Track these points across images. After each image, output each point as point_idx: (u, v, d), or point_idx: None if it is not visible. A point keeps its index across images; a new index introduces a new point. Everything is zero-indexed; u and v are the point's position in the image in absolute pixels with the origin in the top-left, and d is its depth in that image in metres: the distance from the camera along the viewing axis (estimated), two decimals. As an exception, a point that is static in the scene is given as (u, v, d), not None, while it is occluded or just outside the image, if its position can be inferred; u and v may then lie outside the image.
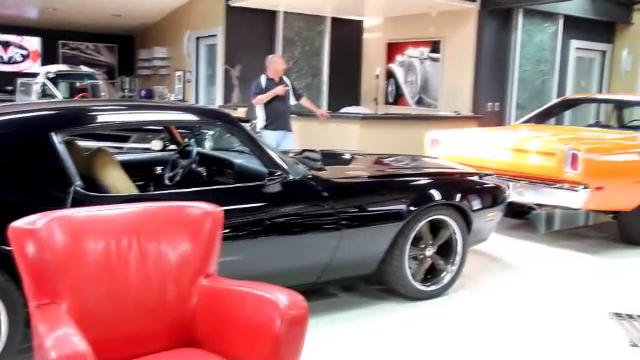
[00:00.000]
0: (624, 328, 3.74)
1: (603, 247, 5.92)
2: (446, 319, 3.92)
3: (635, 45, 10.60)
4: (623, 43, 10.75)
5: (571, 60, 10.42)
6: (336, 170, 4.33)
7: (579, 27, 10.17)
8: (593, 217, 7.25)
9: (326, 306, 3.99)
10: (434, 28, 9.98)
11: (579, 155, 5.16)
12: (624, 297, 4.39)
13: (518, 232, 6.51)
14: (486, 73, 9.33)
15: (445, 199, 4.14)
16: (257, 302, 2.19)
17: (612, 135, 6.32)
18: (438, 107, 9.86)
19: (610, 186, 5.32)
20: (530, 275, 4.92)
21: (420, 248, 4.13)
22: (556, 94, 9.79)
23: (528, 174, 5.54)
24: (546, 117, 7.26)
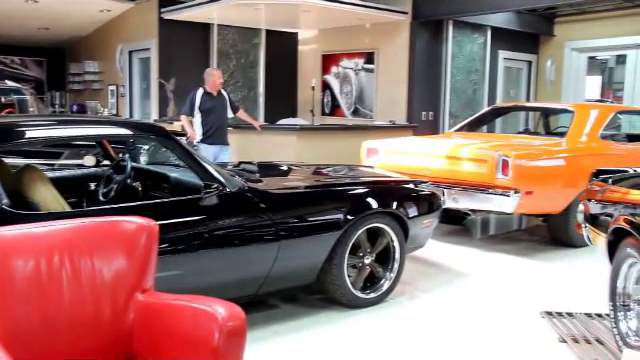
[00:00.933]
0: (554, 326, 3.88)
1: (535, 249, 6.13)
2: (387, 326, 3.96)
3: (558, 56, 11.07)
4: (547, 54, 11.21)
5: (500, 70, 10.78)
6: (273, 181, 4.34)
7: (506, 38, 10.54)
8: (526, 221, 7.50)
9: (267, 318, 3.98)
10: (368, 39, 10.15)
11: (509, 161, 5.33)
12: (554, 296, 4.55)
13: (454, 238, 6.66)
14: (420, 83, 9.54)
15: (382, 207, 4.21)
16: (195, 315, 2.17)
17: (540, 141, 6.56)
18: (374, 117, 10.01)
19: (539, 190, 5.52)
20: (466, 279, 5.04)
21: (359, 256, 4.18)
22: (487, 103, 10.10)
23: (462, 181, 5.69)
24: (478, 125, 7.48)
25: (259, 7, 8.65)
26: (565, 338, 3.68)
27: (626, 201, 3.46)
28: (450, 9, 9.18)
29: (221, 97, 7.28)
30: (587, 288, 4.59)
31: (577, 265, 5.47)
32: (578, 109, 6.62)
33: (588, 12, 10.38)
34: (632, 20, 9.96)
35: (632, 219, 3.23)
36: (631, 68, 10.54)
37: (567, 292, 4.69)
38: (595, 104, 7.45)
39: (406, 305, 4.35)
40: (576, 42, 10.87)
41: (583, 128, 6.29)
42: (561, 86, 11.04)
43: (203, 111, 7.11)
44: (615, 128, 7.37)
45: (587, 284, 4.72)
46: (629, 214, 3.29)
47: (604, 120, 6.41)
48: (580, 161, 5.79)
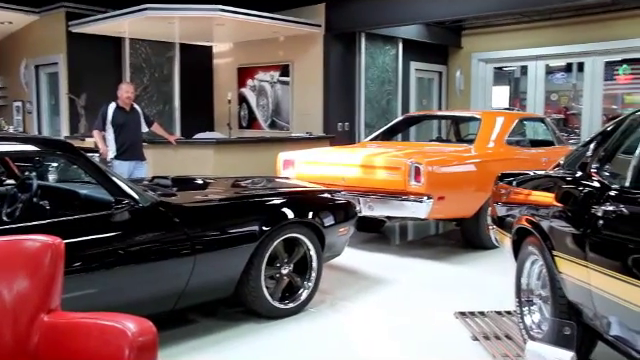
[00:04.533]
0: (467, 325, 4.01)
1: (449, 253, 6.34)
2: (308, 334, 3.99)
3: (466, 66, 11.51)
4: (456, 64, 11.64)
5: (412, 80, 11.09)
6: (188, 195, 4.29)
7: (417, 50, 10.86)
8: (442, 226, 7.73)
9: (186, 333, 3.92)
10: (283, 52, 10.22)
11: (421, 168, 5.50)
12: (468, 297, 4.71)
13: (372, 245, 6.79)
14: (335, 94, 9.68)
15: (298, 217, 4.24)
16: (104, 332, 2.12)
17: (450, 148, 6.80)
18: (291, 129, 10.07)
19: (451, 195, 5.71)
20: (384, 284, 5.14)
21: (276, 267, 4.18)
22: (401, 112, 10.35)
23: (377, 189, 5.81)
24: (391, 134, 7.66)
25: (172, 21, 8.55)
26: (477, 336, 3.81)
27: (528, 202, 3.64)
28: (362, 22, 9.38)
29: (134, 112, 7.13)
30: (498, 287, 4.77)
31: (489, 266, 5.68)
32: (485, 117, 6.92)
33: (492, 25, 10.87)
34: (531, 33, 10.52)
35: (533, 219, 3.40)
36: (532, 78, 11.11)
37: (480, 292, 4.86)
38: (501, 112, 7.79)
39: (326, 313, 4.38)
40: (482, 54, 11.34)
41: (490, 135, 6.57)
42: (470, 95, 11.48)
43: (116, 126, 6.94)
44: (520, 134, 7.72)
45: (498, 284, 4.89)
46: (530, 214, 3.47)
47: (509, 127, 6.73)
48: (488, 166, 6.03)
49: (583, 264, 2.79)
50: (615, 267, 2.56)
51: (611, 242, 2.65)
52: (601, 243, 2.70)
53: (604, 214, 2.68)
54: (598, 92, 10.39)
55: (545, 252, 3.20)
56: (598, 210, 2.72)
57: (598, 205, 2.74)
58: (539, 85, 11.08)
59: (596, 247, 2.72)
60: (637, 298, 2.41)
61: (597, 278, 2.69)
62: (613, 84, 10.44)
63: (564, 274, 3.03)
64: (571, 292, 3.02)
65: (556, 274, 3.11)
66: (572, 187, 3.11)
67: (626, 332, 2.67)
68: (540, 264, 3.39)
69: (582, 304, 2.95)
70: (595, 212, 2.74)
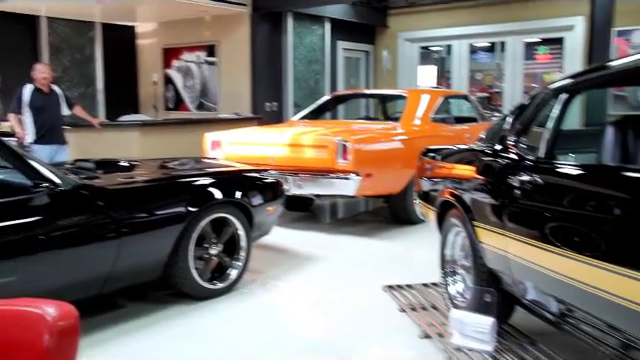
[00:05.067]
0: (395, 298, 4.11)
1: (378, 229, 6.45)
2: (239, 314, 3.98)
3: (392, 46, 11.66)
4: (382, 44, 11.77)
5: (340, 60, 11.14)
6: (112, 177, 4.18)
7: (345, 30, 10.92)
8: (372, 203, 7.84)
9: (114, 317, 3.84)
10: (209, 32, 10.05)
11: (349, 146, 5.55)
12: (396, 271, 4.81)
13: (302, 224, 6.83)
14: (262, 75, 9.62)
15: (225, 197, 4.21)
16: (20, 318, 2.04)
17: (378, 126, 6.90)
18: (219, 110, 9.95)
19: (378, 172, 5.80)
20: (315, 262, 5.18)
21: (205, 248, 4.15)
22: (329, 92, 10.41)
23: (305, 167, 5.83)
24: (319, 113, 7.69)
25: (91, -2, 8.28)
26: (404, 308, 3.91)
27: (451, 176, 3.74)
28: (289, 1, 9.33)
29: (53, 94, 6.87)
30: (425, 260, 4.89)
31: (416, 240, 5.82)
32: (410, 95, 7.03)
33: (418, 5, 11.04)
34: (455, 13, 10.75)
35: (455, 192, 3.50)
36: (456, 57, 11.37)
37: (407, 266, 4.99)
38: (426, 90, 7.94)
39: (257, 292, 4.39)
40: (408, 33, 11.51)
41: (416, 112, 6.69)
42: (397, 74, 11.65)
43: (33, 109, 6.67)
44: (445, 112, 7.89)
45: (425, 257, 5.02)
46: (453, 187, 3.57)
47: (434, 104, 6.87)
48: (414, 143, 6.12)
49: (501, 233, 2.91)
50: (530, 234, 2.68)
51: (526, 211, 2.76)
52: (517, 212, 2.81)
53: (520, 184, 2.79)
54: (519, 71, 10.75)
55: (467, 223, 3.31)
56: (514, 181, 2.84)
57: (514, 176, 2.85)
58: (463, 64, 11.35)
59: (513, 216, 2.83)
60: (550, 263, 2.53)
61: (514, 246, 2.81)
62: (533, 63, 10.82)
63: (484, 244, 3.15)
64: (491, 261, 3.14)
65: (477, 244, 3.22)
66: (491, 160, 3.22)
67: (541, 296, 2.80)
68: (463, 235, 3.50)
69: (501, 272, 3.07)
70: (511, 183, 2.85)
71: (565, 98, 2.81)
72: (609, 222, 2.20)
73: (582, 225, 2.36)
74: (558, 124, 2.79)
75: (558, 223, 2.50)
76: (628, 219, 2.10)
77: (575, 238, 2.39)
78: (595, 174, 2.45)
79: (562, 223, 2.48)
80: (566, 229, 2.45)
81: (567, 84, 2.87)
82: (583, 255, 2.28)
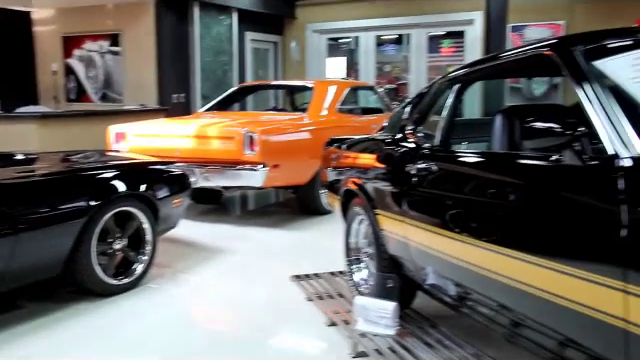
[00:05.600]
0: (302, 287, 4.16)
1: (288, 220, 6.48)
2: (146, 309, 3.90)
3: (301, 37, 11.71)
4: (291, 35, 11.80)
5: (248, 51, 11.07)
6: (6, 172, 3.98)
7: (252, 20, 10.84)
8: (282, 194, 7.87)
9: (14, 318, 3.67)
10: (112, 21, 9.71)
11: (255, 137, 5.54)
12: (305, 261, 4.88)
13: (211, 216, 6.77)
14: (169, 65, 9.41)
15: (128, 190, 4.11)
16: None
17: (285, 117, 6.93)
18: (124, 101, 9.66)
19: (285, 163, 5.83)
20: (224, 254, 5.15)
21: (108, 242, 4.04)
22: (237, 83, 10.32)
23: (212, 159, 5.78)
24: (227, 104, 7.63)
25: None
26: (311, 297, 3.96)
27: (354, 165, 3.82)
28: (194, -10, 9.18)
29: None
30: (332, 250, 4.94)
31: (324, 230, 5.91)
32: (317, 86, 7.10)
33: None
34: (362, 5, 10.94)
35: (358, 181, 3.58)
36: (363, 49, 11.57)
37: (315, 255, 5.05)
38: (333, 81, 8.04)
39: (166, 287, 4.32)
40: (316, 24, 11.59)
41: (323, 103, 6.77)
42: (306, 65, 11.71)
43: None
44: (352, 103, 8.02)
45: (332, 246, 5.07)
46: (356, 177, 3.65)
47: (340, 95, 6.97)
48: (321, 134, 6.17)
49: (401, 220, 3.00)
50: (428, 221, 2.79)
51: (424, 198, 2.87)
52: (415, 200, 2.92)
53: (417, 172, 2.89)
54: (423, 63, 11.07)
55: (369, 212, 3.40)
56: (412, 169, 2.94)
57: (412, 164, 2.95)
58: (370, 56, 11.57)
59: (411, 204, 2.93)
60: (447, 248, 2.64)
61: (413, 232, 2.91)
62: (438, 56, 11.17)
63: (386, 231, 3.24)
64: (392, 247, 3.24)
65: (379, 231, 3.31)
66: (391, 148, 3.32)
67: (440, 280, 2.92)
68: (366, 224, 3.59)
69: (402, 257, 3.17)
70: (409, 171, 2.95)
71: (458, 88, 2.94)
72: (497, 206, 2.32)
73: (474, 210, 2.47)
74: (452, 113, 2.92)
75: (453, 209, 2.61)
76: (514, 203, 2.23)
77: (468, 223, 2.50)
78: (483, 160, 2.57)
79: (456, 209, 2.59)
80: (460, 215, 2.56)
81: (459, 75, 3.00)
82: (475, 239, 2.40)
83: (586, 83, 1.97)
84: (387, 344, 3.08)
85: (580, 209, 1.87)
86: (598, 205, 1.79)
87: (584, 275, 1.78)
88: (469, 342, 3.02)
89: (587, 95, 1.94)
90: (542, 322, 2.12)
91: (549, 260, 1.94)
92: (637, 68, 2.01)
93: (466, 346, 3.00)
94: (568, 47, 2.13)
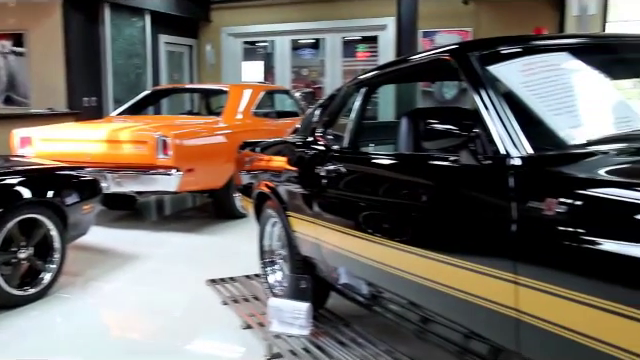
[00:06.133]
0: (218, 291, 4.14)
1: (204, 225, 6.42)
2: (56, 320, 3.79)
3: (216, 41, 11.62)
4: (206, 39, 11.69)
5: (162, 54, 10.87)
6: None
7: (166, 23, 10.66)
8: (199, 199, 7.78)
9: None
10: (15, 20, 9.29)
11: (168, 141, 5.47)
12: (219, 265, 4.84)
13: (125, 222, 6.62)
14: (79, 68, 9.11)
15: (35, 196, 3.96)
16: None
17: (200, 121, 6.87)
18: (31, 105, 9.26)
19: (200, 167, 5.77)
20: (138, 260, 5.05)
21: (12, 252, 3.88)
22: (151, 86, 10.12)
23: (125, 163, 5.65)
24: (140, 108, 7.48)
25: None
26: (227, 300, 3.94)
27: (266, 168, 3.84)
28: (104, -9, 8.93)
29: None
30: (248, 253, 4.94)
31: (240, 234, 5.87)
32: (232, 89, 7.07)
33: (240, 0, 11.09)
34: (277, 9, 10.97)
35: (270, 184, 3.60)
36: (279, 53, 11.62)
37: (231, 259, 5.03)
38: (247, 84, 8.03)
39: (78, 295, 4.19)
40: (231, 28, 11.54)
41: (237, 107, 6.75)
42: (222, 69, 11.63)
43: None
44: (269, 106, 8.04)
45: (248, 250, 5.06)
46: (268, 179, 3.67)
47: (255, 99, 6.98)
48: (237, 137, 6.14)
49: (312, 222, 3.05)
50: (338, 222, 2.84)
51: (333, 199, 2.92)
52: (325, 201, 2.97)
53: (326, 174, 2.95)
54: (338, 67, 11.23)
55: (282, 214, 3.43)
56: (321, 170, 2.99)
57: (321, 166, 3.00)
58: (286, 60, 11.62)
59: (322, 205, 2.98)
60: (357, 248, 2.70)
61: (324, 234, 2.96)
62: (354, 60, 11.36)
63: (298, 232, 3.28)
64: (304, 249, 3.28)
65: (291, 233, 3.34)
66: (301, 151, 3.36)
67: (351, 280, 2.98)
68: (279, 226, 3.61)
69: (314, 258, 3.22)
70: (319, 172, 3.00)
71: (365, 91, 3.02)
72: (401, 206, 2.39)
73: (381, 210, 2.55)
74: (360, 116, 2.99)
75: (361, 210, 2.67)
76: (416, 203, 2.31)
77: (376, 223, 2.57)
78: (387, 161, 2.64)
79: (364, 209, 2.65)
80: (368, 215, 2.63)
81: (366, 78, 3.09)
82: (381, 238, 2.47)
83: (480, 87, 2.07)
84: (301, 344, 3.11)
85: (476, 207, 1.96)
86: (492, 202, 1.88)
87: (482, 269, 1.87)
88: (382, 339, 3.09)
89: (481, 98, 2.04)
90: (448, 317, 2.20)
91: (451, 257, 2.02)
92: (527, 73, 2.14)
93: (379, 343, 3.07)
94: (465, 52, 2.24)
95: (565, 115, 2.00)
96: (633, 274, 1.39)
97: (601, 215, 1.51)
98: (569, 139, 1.90)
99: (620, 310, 1.40)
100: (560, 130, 1.92)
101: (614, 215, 1.49)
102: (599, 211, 1.52)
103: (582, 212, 1.56)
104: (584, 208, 1.56)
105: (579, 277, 1.53)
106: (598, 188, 1.56)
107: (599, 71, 2.33)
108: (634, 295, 1.39)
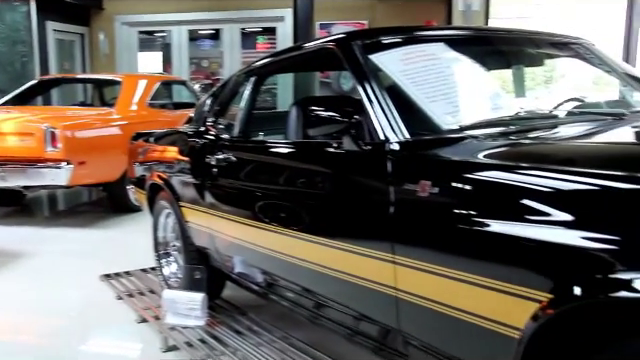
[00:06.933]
0: (112, 286, 4.04)
1: (99, 219, 6.23)
2: None
3: (109, 29, 11.22)
4: (98, 27, 11.25)
5: (50, 42, 10.35)
6: None
7: (54, 9, 10.15)
8: (95, 193, 7.52)
9: None
10: None
11: (57, 132, 5.25)
12: (115, 259, 4.70)
13: (13, 219, 6.32)
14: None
15: None
16: None
17: (92, 112, 6.63)
18: None
19: (92, 160, 5.58)
20: (28, 258, 4.83)
21: None
22: (39, 76, 9.63)
23: (9, 157, 5.38)
24: (27, 98, 7.11)
25: None
26: (122, 295, 3.85)
27: (159, 158, 3.77)
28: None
29: None
30: (144, 247, 4.85)
31: (136, 227, 5.74)
32: (126, 80, 6.87)
33: (134, -13, 10.78)
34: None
35: (163, 175, 3.54)
36: (176, 43, 11.38)
37: (127, 253, 4.90)
38: (142, 75, 7.83)
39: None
40: (126, 16, 11.16)
41: (132, 97, 6.57)
42: (116, 60, 11.25)
43: None
44: (166, 97, 7.87)
45: (144, 243, 4.98)
46: (161, 170, 3.61)
47: (151, 89, 6.81)
48: (131, 129, 5.96)
49: (204, 211, 3.03)
50: (229, 211, 2.84)
51: (224, 188, 2.92)
52: (216, 190, 2.96)
53: (217, 163, 2.94)
54: (237, 59, 11.14)
55: (174, 204, 3.39)
56: (212, 160, 2.98)
57: (212, 155, 2.99)
58: (184, 51, 11.41)
59: (213, 195, 2.98)
60: (248, 236, 2.72)
61: (216, 223, 2.96)
62: (254, 52, 11.29)
63: (191, 223, 3.26)
64: (198, 239, 3.26)
65: (184, 224, 3.31)
66: (193, 140, 3.33)
67: (245, 269, 2.99)
68: (173, 217, 3.57)
69: (208, 248, 3.21)
70: (210, 162, 2.99)
71: (254, 80, 3.03)
72: (290, 194, 2.42)
73: (271, 198, 2.57)
74: (250, 105, 3.00)
75: (252, 198, 2.68)
76: (304, 190, 2.35)
77: (266, 211, 2.59)
78: (276, 149, 2.66)
79: (255, 198, 2.66)
80: (259, 203, 2.64)
81: (255, 68, 3.10)
82: (272, 225, 2.50)
83: (362, 74, 2.14)
84: (198, 335, 3.09)
85: (359, 191, 2.02)
86: (373, 186, 1.95)
87: (366, 252, 1.94)
88: (277, 326, 3.13)
89: (363, 85, 2.10)
90: (338, 301, 2.25)
91: (338, 241, 2.07)
92: (406, 62, 2.22)
93: (274, 330, 3.10)
94: (348, 42, 2.29)
95: (441, 102, 2.09)
96: (496, 249, 1.49)
97: (469, 195, 1.61)
98: (444, 124, 2.00)
99: (484, 282, 1.51)
100: (436, 116, 2.01)
101: (480, 194, 1.59)
102: (467, 191, 1.61)
103: (452, 193, 1.65)
104: (454, 189, 1.65)
105: (450, 254, 1.62)
106: (466, 169, 1.66)
107: (474, 61, 2.46)
108: (494, 268, 1.49)
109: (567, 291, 1.32)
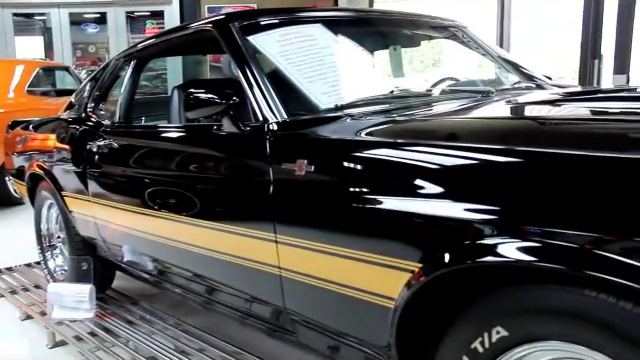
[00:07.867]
0: (4, 281, 3.85)
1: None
2: None
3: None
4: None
5: None
6: None
7: None
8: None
9: None
10: None
11: None
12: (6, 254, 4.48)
13: None
14: None
15: None
16: None
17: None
18: None
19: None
20: None
21: None
22: None
23: None
24: None
25: None
26: (3, 292, 3.68)
27: (38, 148, 3.61)
28: None
29: None
30: (29, 241, 4.64)
31: (20, 221, 5.48)
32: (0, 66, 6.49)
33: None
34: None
35: (43, 164, 3.40)
36: (57, 27, 10.82)
37: (9, 248, 4.67)
38: (18, 60, 7.42)
39: None
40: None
41: (8, 85, 6.21)
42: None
43: None
44: (49, 84, 7.49)
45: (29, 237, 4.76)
46: (41, 160, 3.45)
47: (29, 76, 6.47)
48: (9, 117, 5.65)
49: (87, 200, 2.94)
50: (112, 198, 2.77)
51: (106, 175, 2.84)
52: (98, 178, 2.87)
53: (98, 149, 2.85)
54: (123, 43, 10.72)
55: (56, 194, 3.26)
56: (93, 146, 2.89)
57: (93, 142, 2.90)
58: (65, 35, 10.84)
59: (95, 183, 2.89)
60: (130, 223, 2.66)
61: (100, 212, 2.87)
62: (142, 36, 10.90)
63: (74, 212, 3.15)
64: (83, 229, 3.16)
65: (68, 214, 3.20)
66: (73, 127, 3.21)
67: (134, 257, 2.93)
68: (56, 208, 3.44)
69: (94, 238, 3.11)
70: (91, 148, 2.90)
71: (134, 64, 2.95)
72: (174, 178, 2.38)
73: (155, 184, 2.51)
74: (131, 90, 2.92)
75: (135, 184, 2.62)
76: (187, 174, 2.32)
77: (150, 197, 2.53)
78: (156, 134, 2.63)
79: (138, 184, 2.60)
80: (142, 189, 2.58)
81: (133, 52, 3.02)
82: (156, 211, 2.46)
83: (240, 56, 2.14)
84: (87, 328, 3.01)
85: (241, 172, 2.03)
86: (254, 166, 1.96)
87: (251, 233, 1.94)
88: (170, 314, 3.10)
89: (242, 67, 2.11)
90: (229, 284, 2.25)
91: (224, 224, 2.07)
92: (284, 43, 2.24)
93: (167, 318, 3.06)
94: (226, 23, 2.28)
95: (318, 82, 2.13)
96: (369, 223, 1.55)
97: (344, 171, 1.65)
98: (321, 104, 2.03)
99: (359, 256, 1.56)
100: (313, 96, 2.05)
101: (354, 171, 1.64)
102: (343, 168, 1.66)
103: (328, 170, 1.69)
104: (329, 166, 1.69)
105: (326, 230, 1.66)
106: (341, 147, 1.71)
107: (352, 42, 2.51)
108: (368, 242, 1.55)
109: (438, 259, 1.38)
